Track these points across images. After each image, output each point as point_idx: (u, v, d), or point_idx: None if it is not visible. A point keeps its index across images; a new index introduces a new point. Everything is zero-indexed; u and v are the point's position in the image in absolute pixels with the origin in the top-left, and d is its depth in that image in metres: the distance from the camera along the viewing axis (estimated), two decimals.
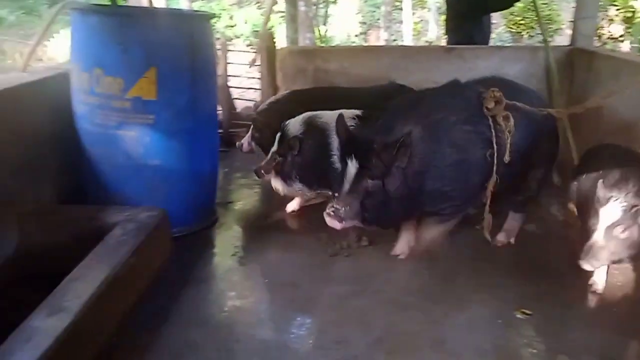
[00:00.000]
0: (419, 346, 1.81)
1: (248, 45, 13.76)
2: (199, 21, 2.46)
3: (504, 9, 4.26)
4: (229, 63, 4.06)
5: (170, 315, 1.95)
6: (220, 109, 3.59)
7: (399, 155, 1.98)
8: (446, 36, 4.48)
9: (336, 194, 2.08)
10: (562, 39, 10.80)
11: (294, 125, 2.57)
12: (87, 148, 2.45)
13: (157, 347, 1.78)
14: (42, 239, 2.30)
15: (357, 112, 2.56)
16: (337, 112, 2.40)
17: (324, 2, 6.71)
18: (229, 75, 4.09)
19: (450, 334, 1.88)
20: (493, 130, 2.16)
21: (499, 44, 10.93)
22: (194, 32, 2.39)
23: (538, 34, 11.11)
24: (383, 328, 1.90)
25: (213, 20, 2.63)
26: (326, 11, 6.24)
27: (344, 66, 3.70)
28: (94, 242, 2.09)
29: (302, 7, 5.60)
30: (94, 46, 2.29)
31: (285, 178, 2.62)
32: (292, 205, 2.91)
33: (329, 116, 2.54)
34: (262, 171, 2.60)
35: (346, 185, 2.03)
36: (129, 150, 2.37)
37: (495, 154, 2.17)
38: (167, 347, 1.78)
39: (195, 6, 15.16)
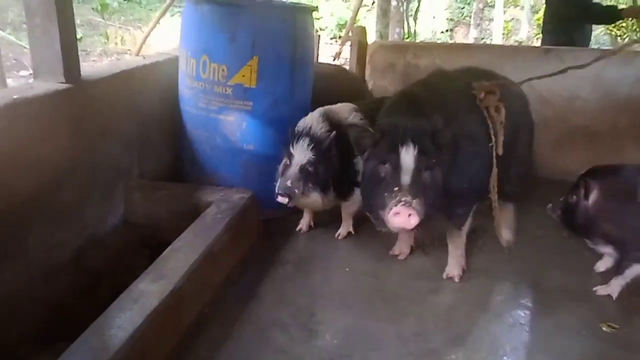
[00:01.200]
0: (499, 348, 1.80)
1: (332, 38, 13.89)
2: (302, 13, 2.54)
3: (610, 23, 4.05)
4: (318, 55, 4.14)
5: (259, 293, 2.05)
6: None
7: (450, 143, 1.85)
8: (540, 36, 4.32)
9: (391, 191, 1.78)
10: None
11: (315, 124, 2.28)
12: (189, 129, 2.62)
13: (246, 322, 1.88)
14: (145, 211, 2.50)
15: (355, 105, 2.46)
16: (344, 104, 2.40)
17: None
18: None
19: (534, 341, 1.85)
20: (489, 122, 2.09)
21: (595, 47, 10.33)
22: (296, 23, 2.48)
23: None
24: (463, 326, 1.91)
25: (314, 13, 2.70)
26: (418, 6, 6.18)
27: (435, 63, 3.66)
28: (191, 218, 2.25)
29: (393, 2, 5.60)
30: (203, 34, 2.44)
31: (324, 188, 2.30)
32: (305, 223, 2.62)
33: (342, 109, 2.41)
34: (295, 191, 2.20)
35: (406, 177, 1.77)
36: (226, 134, 2.51)
37: (494, 146, 2.09)
38: (255, 322, 1.88)
39: None
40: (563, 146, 3.54)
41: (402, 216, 1.73)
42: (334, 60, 4.83)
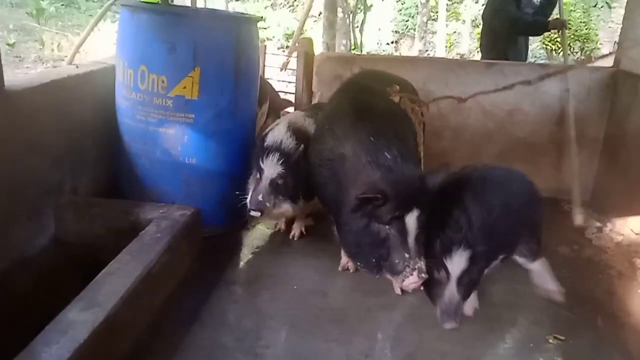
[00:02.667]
0: None
1: (279, 48, 13.85)
2: (246, 24, 2.47)
3: (537, 35, 4.20)
4: (265, 66, 4.08)
5: (202, 316, 1.95)
6: None
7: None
8: (479, 50, 4.43)
9: (402, 257, 1.78)
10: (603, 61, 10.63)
11: (284, 136, 2.33)
12: (127, 142, 2.48)
13: (188, 347, 1.77)
14: (78, 230, 2.34)
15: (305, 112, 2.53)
16: (297, 113, 2.51)
17: (361, 9, 6.71)
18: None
19: (481, 355, 1.84)
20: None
21: (532, 60, 10.79)
22: (240, 34, 2.40)
23: (574, 52, 10.94)
24: (413, 344, 1.88)
25: (259, 24, 2.63)
26: (364, 19, 6.24)
27: None
28: (130, 236, 2.12)
29: (339, 14, 5.61)
30: (140, 43, 2.32)
31: (294, 198, 2.34)
32: (280, 225, 2.72)
33: (299, 118, 2.50)
34: (267, 204, 2.25)
35: (412, 240, 1.79)
36: (167, 148, 2.39)
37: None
38: (199, 347, 1.78)
39: (231, 7, 15.34)
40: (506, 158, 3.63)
41: (415, 281, 1.78)
42: (281, 70, 4.78)
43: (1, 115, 1.91)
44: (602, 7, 9.09)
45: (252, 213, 2.28)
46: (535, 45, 12.40)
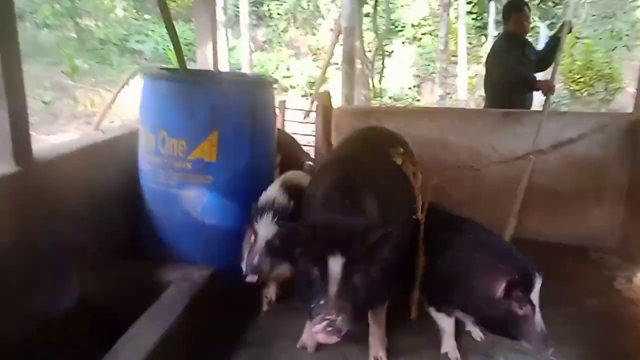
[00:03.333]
0: None
1: (302, 96, 14.15)
2: (261, 87, 2.56)
3: (527, 92, 4.22)
4: (285, 120, 4.18)
5: None
6: None
7: (387, 242, 1.76)
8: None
9: (318, 302, 1.68)
10: (623, 98, 10.51)
11: (277, 194, 2.30)
12: (149, 204, 2.55)
13: None
14: (101, 291, 2.39)
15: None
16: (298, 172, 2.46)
17: (379, 56, 6.86)
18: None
19: None
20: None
21: (556, 100, 10.76)
22: (255, 97, 2.50)
23: (598, 91, 10.86)
24: None
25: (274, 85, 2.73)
26: (382, 65, 6.37)
27: (398, 127, 3.72)
28: (151, 297, 2.15)
29: (358, 65, 5.75)
30: (161, 110, 2.43)
31: (292, 258, 2.12)
32: (273, 293, 2.57)
33: (299, 176, 2.51)
34: (263, 268, 2.19)
35: (333, 288, 1.67)
36: (187, 209, 2.45)
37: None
38: None
39: (255, 57, 15.84)
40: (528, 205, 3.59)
41: (324, 335, 1.65)
42: (304, 118, 4.88)
43: (28, 184, 2.01)
44: (623, 46, 9.06)
45: (248, 279, 2.16)
46: (559, 85, 12.38)
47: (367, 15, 7.85)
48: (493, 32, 11.78)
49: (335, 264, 1.67)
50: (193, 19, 3.72)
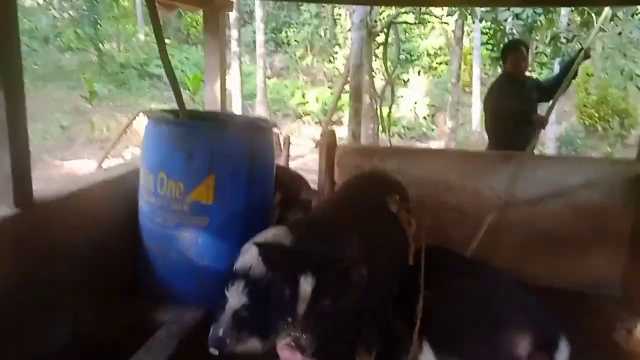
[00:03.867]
0: None
1: (316, 123, 14.31)
2: (260, 131, 2.62)
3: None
4: (290, 156, 4.24)
5: None
6: None
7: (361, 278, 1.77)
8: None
9: (286, 320, 1.70)
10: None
11: (254, 260, 2.04)
12: (146, 243, 2.61)
13: None
14: (95, 329, 2.43)
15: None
16: (279, 229, 2.18)
17: (390, 88, 6.97)
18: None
19: None
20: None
21: (571, 133, 10.72)
22: (254, 141, 2.55)
23: (611, 126, 10.80)
24: None
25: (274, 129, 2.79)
26: (392, 99, 6.41)
27: (401, 167, 3.76)
28: (142, 336, 2.19)
29: (367, 100, 5.82)
30: (161, 152, 2.50)
31: (263, 332, 2.03)
32: None
33: (279, 236, 2.14)
34: (227, 341, 2.01)
35: (301, 307, 1.69)
36: (182, 249, 2.50)
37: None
38: None
39: (270, 84, 16.08)
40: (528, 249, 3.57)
41: (287, 352, 1.68)
42: (315, 147, 4.93)
43: (28, 225, 2.07)
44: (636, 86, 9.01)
45: (211, 350, 2.00)
46: (574, 119, 12.33)
47: (381, 44, 7.99)
48: None
49: (306, 284, 1.69)
50: (204, 58, 3.83)
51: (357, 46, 4.79)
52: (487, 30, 8.11)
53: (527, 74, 4.51)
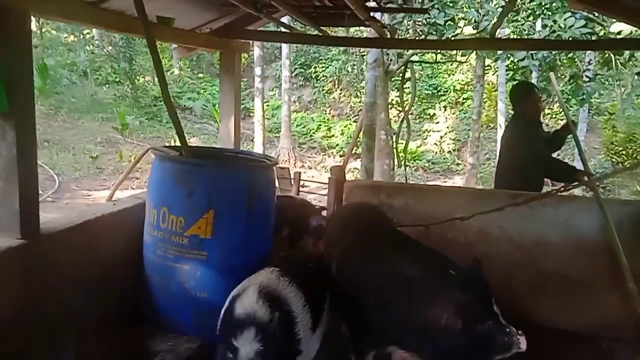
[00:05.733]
0: None
1: (341, 156, 14.42)
2: (258, 170, 2.72)
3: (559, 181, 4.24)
4: (301, 190, 4.32)
5: None
6: None
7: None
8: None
9: None
10: None
11: (258, 309, 2.03)
12: (148, 274, 2.71)
13: None
14: (96, 356, 2.51)
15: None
16: (269, 272, 2.27)
17: (404, 130, 7.01)
18: None
19: None
20: None
21: (599, 171, 10.49)
22: (252, 180, 2.65)
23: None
24: None
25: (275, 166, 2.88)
26: (407, 139, 6.47)
27: (408, 204, 3.78)
28: None
29: (382, 136, 5.89)
30: (164, 187, 2.62)
31: None
32: None
33: (272, 280, 2.24)
34: None
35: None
36: (181, 281, 2.59)
37: None
38: None
39: (298, 117, 16.38)
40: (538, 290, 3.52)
41: None
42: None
43: (32, 257, 2.19)
44: None
45: None
46: (602, 156, 12.10)
47: (408, 79, 8.09)
48: None
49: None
50: (220, 96, 4.01)
51: (371, 85, 4.90)
52: (511, 67, 8.15)
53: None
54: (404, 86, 7.15)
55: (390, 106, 13.30)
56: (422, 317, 2.12)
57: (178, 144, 2.67)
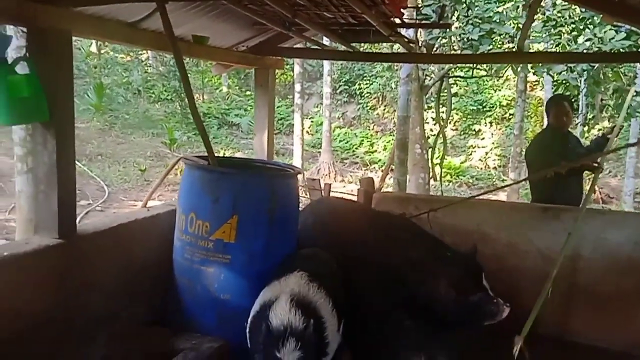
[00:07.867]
0: None
1: (382, 171, 14.43)
2: (280, 178, 2.83)
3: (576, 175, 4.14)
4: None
5: None
6: None
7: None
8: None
9: None
10: None
11: (293, 318, 2.16)
12: (176, 277, 2.85)
13: None
14: (123, 356, 2.65)
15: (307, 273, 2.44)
16: (298, 277, 2.41)
17: (440, 144, 6.98)
18: None
19: None
20: None
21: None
22: (275, 188, 2.77)
23: None
24: None
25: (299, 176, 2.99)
26: (443, 152, 6.46)
27: (435, 215, 3.80)
28: None
29: (417, 150, 5.91)
30: (193, 194, 2.77)
31: None
32: None
33: (302, 285, 2.36)
34: None
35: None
36: (206, 284, 2.71)
37: None
38: None
39: (341, 133, 16.53)
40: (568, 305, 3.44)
41: None
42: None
43: (67, 257, 2.37)
44: None
45: None
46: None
47: (455, 95, 8.05)
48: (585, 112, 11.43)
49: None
50: (254, 111, 4.18)
51: (404, 99, 4.96)
52: (556, 82, 7.98)
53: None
54: (441, 101, 7.17)
55: (433, 121, 13.28)
56: (425, 289, 2.63)
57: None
